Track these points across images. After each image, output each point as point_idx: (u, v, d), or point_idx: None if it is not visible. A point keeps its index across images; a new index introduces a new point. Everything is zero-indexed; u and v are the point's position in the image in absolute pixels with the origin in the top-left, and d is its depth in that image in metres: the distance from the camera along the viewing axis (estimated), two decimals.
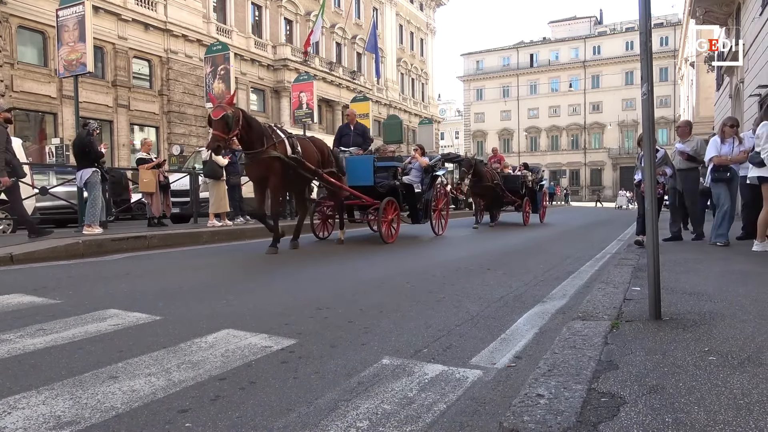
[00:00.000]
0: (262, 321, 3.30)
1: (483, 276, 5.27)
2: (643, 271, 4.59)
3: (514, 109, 65.73)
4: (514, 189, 14.67)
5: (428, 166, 9.89)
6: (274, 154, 6.97)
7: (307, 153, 7.60)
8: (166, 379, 2.27)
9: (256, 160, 7.00)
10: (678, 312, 3.17)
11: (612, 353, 2.35)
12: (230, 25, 28.32)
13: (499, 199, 14.17)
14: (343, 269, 6.00)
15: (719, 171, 7.30)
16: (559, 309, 3.78)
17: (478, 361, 2.58)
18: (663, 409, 1.75)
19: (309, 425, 1.85)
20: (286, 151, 7.17)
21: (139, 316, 3.41)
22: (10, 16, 18.89)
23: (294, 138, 7.56)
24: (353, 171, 8.97)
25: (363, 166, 9.02)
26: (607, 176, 61.06)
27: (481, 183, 13.23)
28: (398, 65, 45.34)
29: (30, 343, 2.79)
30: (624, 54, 59.57)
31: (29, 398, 2.06)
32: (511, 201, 14.66)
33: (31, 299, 3.94)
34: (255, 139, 6.90)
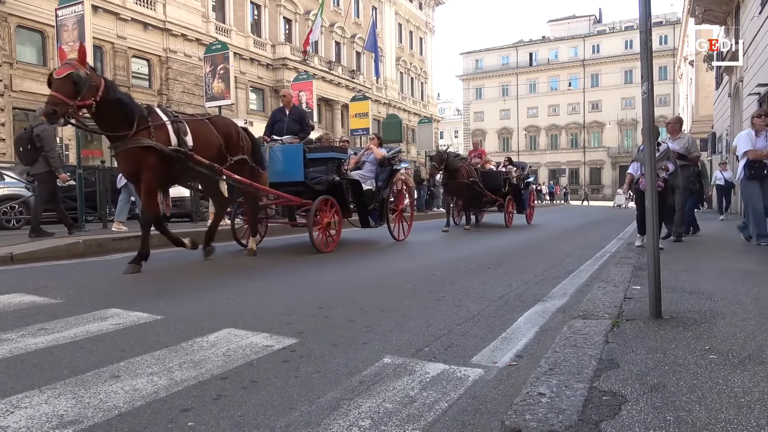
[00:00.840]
0: (263, 320, 3.31)
1: (483, 275, 5.27)
2: (643, 269, 4.60)
3: (514, 108, 65.72)
4: (495, 187, 13.19)
5: (384, 159, 8.60)
6: (146, 143, 5.30)
7: (201, 141, 5.89)
8: (168, 379, 2.28)
9: (123, 150, 5.32)
10: (678, 310, 3.17)
11: (613, 352, 2.36)
12: (229, 24, 28.30)
13: (477, 198, 12.63)
14: (343, 269, 6.00)
15: (755, 167, 6.80)
16: (560, 308, 3.79)
17: (480, 360, 2.58)
18: (664, 407, 1.76)
19: (311, 424, 1.85)
20: (168, 139, 5.50)
21: (141, 315, 3.41)
22: (9, 16, 18.87)
23: (183, 122, 5.80)
24: (278, 164, 7.42)
25: (290, 158, 7.40)
26: (606, 175, 61.09)
27: (455, 180, 11.71)
28: (397, 64, 45.32)
29: (32, 343, 2.79)
30: (623, 53, 59.57)
31: (32, 398, 2.06)
32: (492, 200, 13.19)
33: (32, 299, 3.94)
34: (120, 119, 5.24)
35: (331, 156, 7.72)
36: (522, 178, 14.34)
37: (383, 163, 8.60)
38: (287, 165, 7.38)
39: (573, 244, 8.80)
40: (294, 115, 8.02)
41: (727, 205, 15.02)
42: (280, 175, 7.35)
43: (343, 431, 1.80)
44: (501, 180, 13.36)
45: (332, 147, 8.23)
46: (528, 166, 15.84)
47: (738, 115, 18.32)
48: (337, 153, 7.94)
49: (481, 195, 12.59)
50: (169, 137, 5.53)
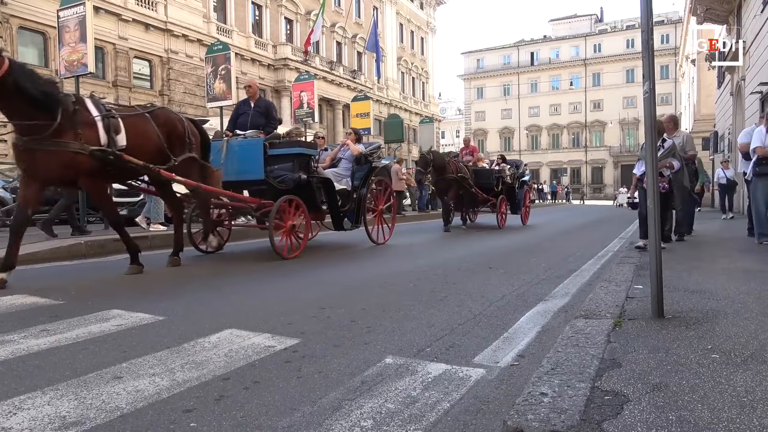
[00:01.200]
0: (264, 321, 3.31)
1: (485, 275, 5.27)
2: (645, 269, 4.59)
3: (515, 108, 65.68)
4: (487, 186, 12.49)
5: (361, 156, 8.02)
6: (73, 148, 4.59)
7: (136, 138, 5.18)
8: (171, 379, 2.28)
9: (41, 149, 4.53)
10: (681, 310, 3.17)
11: (615, 351, 2.35)
12: (230, 24, 28.33)
13: (470, 197, 12.11)
14: (344, 269, 6.00)
15: (762, 164, 6.81)
16: (562, 307, 3.78)
17: (481, 360, 2.58)
18: (667, 407, 1.75)
19: (313, 424, 1.85)
20: (98, 138, 4.80)
21: (143, 316, 3.42)
22: (11, 17, 18.92)
23: (117, 117, 5.07)
24: (237, 160, 6.68)
25: (249, 154, 6.63)
26: (608, 174, 61.01)
27: (443, 176, 11.21)
28: (399, 64, 45.33)
29: (34, 344, 2.80)
30: (625, 52, 59.50)
31: (34, 399, 2.06)
32: (484, 200, 12.52)
33: (35, 300, 3.95)
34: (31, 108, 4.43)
35: (297, 152, 6.91)
36: (517, 176, 13.69)
37: (360, 160, 8.03)
38: (246, 162, 6.62)
39: (575, 244, 8.79)
40: (259, 107, 7.26)
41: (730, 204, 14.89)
42: (239, 173, 6.65)
43: (345, 431, 1.80)
44: (493, 178, 12.66)
45: (299, 142, 7.30)
46: (523, 164, 15.04)
47: (740, 113, 18.29)
48: (305, 149, 7.12)
49: (472, 193, 11.99)
50: (99, 136, 4.82)
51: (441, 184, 11.54)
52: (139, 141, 5.22)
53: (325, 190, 7.40)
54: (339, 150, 8.22)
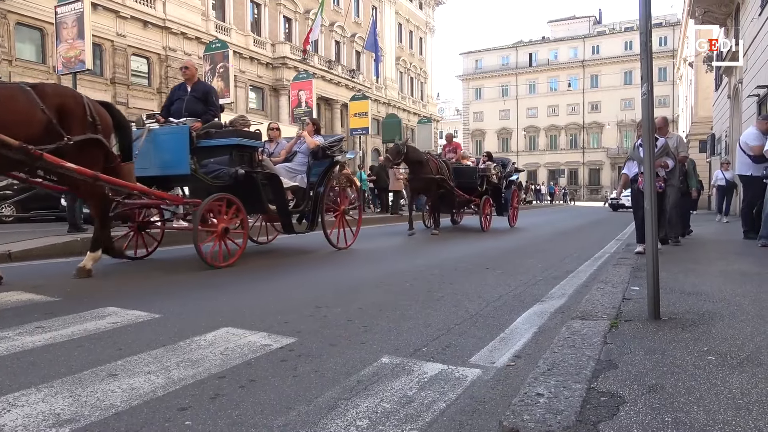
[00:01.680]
0: (261, 319, 3.30)
1: (482, 275, 5.27)
2: (641, 270, 4.60)
3: (513, 109, 65.74)
4: (470, 185, 11.45)
5: (318, 149, 7.10)
6: None
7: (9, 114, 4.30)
8: (166, 377, 2.27)
9: None
10: (677, 312, 3.17)
11: (611, 353, 2.35)
12: (229, 23, 28.27)
13: (449, 197, 11.04)
14: (341, 268, 6.00)
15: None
16: (558, 308, 3.78)
17: (478, 360, 2.58)
18: (662, 408, 1.75)
19: (309, 423, 1.85)
20: None
21: (138, 314, 3.41)
22: (8, 13, 18.84)
23: None
24: (157, 151, 5.81)
25: (172, 144, 5.77)
26: (605, 176, 61.13)
27: (420, 175, 10.22)
28: (397, 64, 45.32)
29: (29, 341, 2.79)
30: (623, 54, 59.61)
31: (28, 396, 2.05)
32: (466, 200, 11.61)
33: (30, 296, 3.93)
34: None
35: (235, 143, 5.98)
36: (504, 175, 12.70)
37: (317, 153, 7.11)
38: (169, 153, 5.74)
39: (572, 245, 8.80)
40: (197, 92, 6.31)
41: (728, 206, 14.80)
42: (162, 166, 5.82)
43: (341, 431, 1.79)
44: (476, 177, 11.62)
45: (238, 131, 6.27)
46: (511, 162, 13.84)
47: (737, 116, 18.34)
48: (247, 139, 6.17)
49: (454, 194, 11.00)
50: None
51: (417, 184, 10.54)
52: (13, 117, 4.29)
53: (272, 188, 6.39)
54: (295, 143, 7.41)
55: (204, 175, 5.74)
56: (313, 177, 7.13)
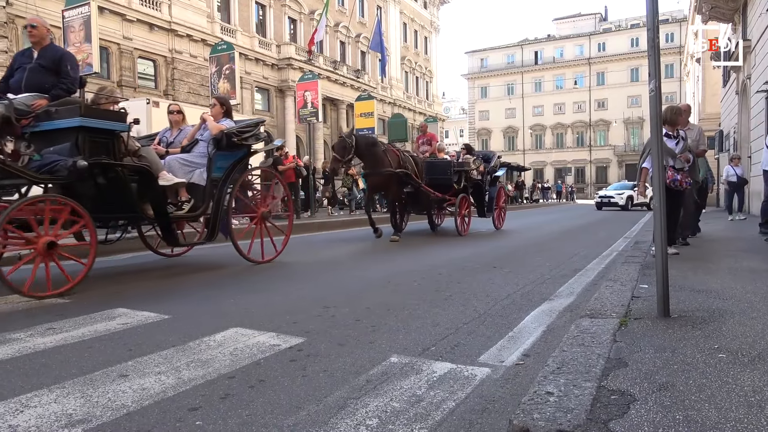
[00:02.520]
0: (269, 320, 3.31)
1: (489, 274, 5.26)
2: (650, 268, 4.58)
3: (519, 107, 65.55)
4: (444, 182, 9.98)
5: (223, 136, 5.54)
6: None
7: None
8: (176, 378, 2.29)
9: None
10: (687, 309, 3.16)
11: (621, 351, 2.34)
12: (234, 24, 28.36)
13: (419, 196, 9.77)
14: (348, 268, 6.00)
15: None
16: (567, 307, 3.77)
17: (487, 359, 2.58)
18: (673, 406, 1.75)
19: (319, 423, 1.85)
20: None
21: (148, 315, 3.43)
22: (16, 18, 18.98)
23: None
24: None
25: None
26: (612, 173, 60.83)
27: (377, 169, 8.85)
28: (402, 63, 45.31)
29: (40, 342, 2.81)
30: (629, 51, 59.30)
31: (41, 397, 2.07)
32: (438, 199, 10.08)
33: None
34: None
35: (77, 125, 4.41)
36: (488, 171, 11.21)
37: (221, 142, 5.54)
38: None
39: (579, 243, 8.77)
40: (44, 59, 4.84)
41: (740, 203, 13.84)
42: None
43: (351, 430, 1.80)
44: (451, 173, 10.02)
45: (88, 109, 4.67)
46: (496, 156, 12.27)
47: (746, 112, 18.20)
48: (97, 120, 4.57)
49: (424, 192, 9.61)
50: None
51: (374, 180, 9.02)
52: None
53: (145, 186, 5.00)
54: (198, 129, 5.89)
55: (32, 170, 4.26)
56: (217, 172, 5.58)
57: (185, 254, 6.59)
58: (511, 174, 37.79)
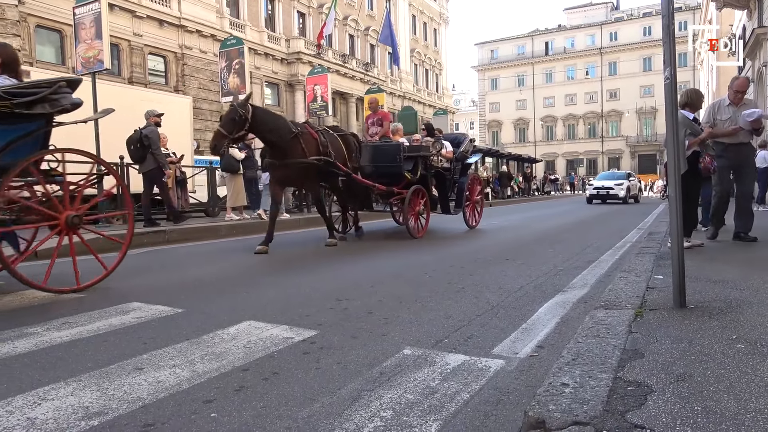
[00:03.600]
0: (282, 313, 3.32)
1: (502, 266, 5.24)
2: (665, 259, 4.53)
3: (530, 98, 65.06)
4: (390, 171, 8.08)
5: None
6: None
7: None
8: (191, 370, 2.30)
9: None
10: (703, 300, 3.11)
11: (637, 342, 2.32)
12: (243, 19, 28.38)
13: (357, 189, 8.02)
14: (360, 261, 6.00)
15: None
16: (581, 298, 3.74)
17: (500, 351, 2.56)
18: (692, 397, 1.72)
19: (333, 415, 1.85)
20: None
21: (162, 308, 3.45)
22: (28, 16, 19.13)
23: None
24: None
25: None
26: (625, 164, 60.21)
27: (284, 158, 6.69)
28: (412, 56, 45.10)
29: (56, 336, 2.84)
30: (642, 40, 58.56)
31: (58, 390, 2.09)
32: (385, 193, 8.12)
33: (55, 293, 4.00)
34: None
35: None
36: (457, 157, 9.28)
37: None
38: None
39: (592, 235, 8.69)
40: None
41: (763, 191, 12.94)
42: None
43: (365, 422, 1.79)
44: (400, 159, 8.04)
45: None
46: (467, 139, 10.15)
47: (762, 99, 17.91)
48: None
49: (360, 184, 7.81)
50: None
51: (278, 173, 6.86)
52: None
53: None
54: None
55: None
56: None
57: (197, 248, 6.63)
58: (522, 166, 37.58)
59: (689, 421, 1.56)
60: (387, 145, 8.46)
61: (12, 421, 1.81)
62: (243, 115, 6.27)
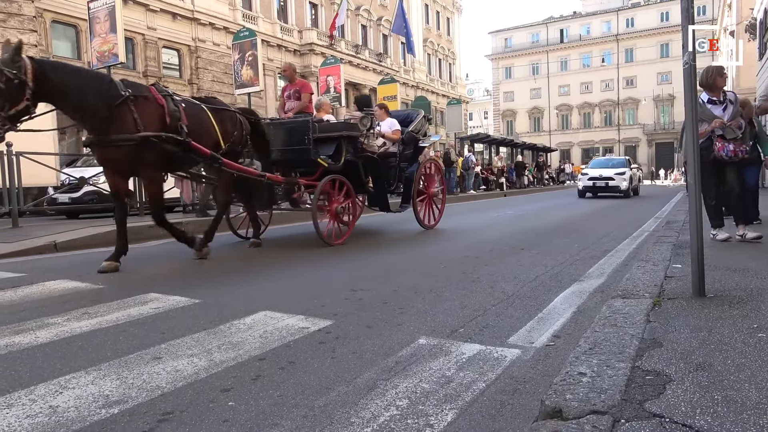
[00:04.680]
0: (297, 303, 3.34)
1: (517, 256, 5.21)
2: (683, 248, 4.47)
3: (544, 87, 64.28)
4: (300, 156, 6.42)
5: None
6: None
7: None
8: (208, 360, 2.32)
9: None
10: (723, 289, 3.07)
11: (655, 331, 2.29)
12: (256, 11, 28.37)
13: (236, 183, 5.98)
14: (374, 252, 6.01)
15: None
16: (597, 288, 3.71)
17: (516, 341, 2.55)
18: (712, 386, 1.70)
19: (349, 403, 1.86)
20: None
21: (179, 299, 3.49)
22: (44, 11, 19.31)
23: None
24: None
25: None
26: (642, 153, 59.41)
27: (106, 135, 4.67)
28: (425, 46, 44.76)
29: (76, 326, 2.88)
30: (659, 26, 57.42)
31: (78, 378, 2.13)
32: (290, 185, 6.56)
33: (76, 285, 4.06)
34: None
35: None
36: (403, 139, 7.44)
37: None
38: None
39: (608, 224, 8.60)
40: None
41: None
42: None
43: (381, 411, 1.80)
44: (309, 140, 6.24)
45: None
46: (420, 115, 8.15)
47: None
48: None
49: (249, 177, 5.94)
50: None
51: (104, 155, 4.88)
52: None
53: None
54: None
55: None
56: None
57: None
58: (536, 155, 37.22)
59: (709, 410, 1.54)
60: (292, 122, 6.61)
61: (35, 409, 1.85)
62: (15, 77, 4.11)
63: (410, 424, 1.70)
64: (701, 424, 1.46)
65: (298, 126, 6.46)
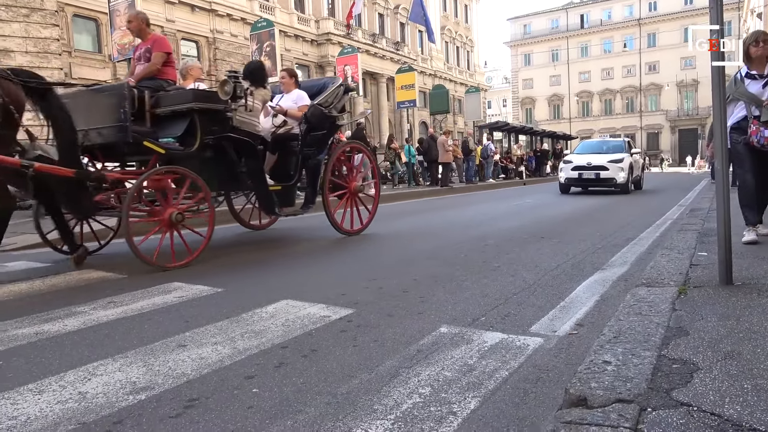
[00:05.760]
0: (319, 292, 3.36)
1: (538, 245, 5.16)
2: (708, 236, 4.38)
3: (564, 74, 63.32)
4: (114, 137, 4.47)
5: None
6: None
7: None
8: (232, 348, 2.35)
9: None
10: (751, 277, 3.00)
11: (681, 319, 2.26)
12: (273, 2, 28.36)
13: None
14: (393, 242, 6.00)
15: None
16: (621, 276, 3.66)
17: (539, 329, 2.54)
18: (740, 375, 1.67)
19: (371, 391, 1.87)
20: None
21: (202, 288, 3.53)
22: (65, 6, 19.56)
23: None
24: None
25: None
26: (665, 140, 58.34)
27: None
28: (442, 33, 44.35)
29: (103, 315, 2.94)
30: (682, 9, 56.02)
31: (106, 366, 2.17)
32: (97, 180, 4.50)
33: (101, 274, 4.14)
34: None
35: None
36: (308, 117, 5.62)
37: None
38: None
39: (630, 212, 8.48)
40: None
41: None
42: None
43: (404, 398, 1.80)
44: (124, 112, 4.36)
45: None
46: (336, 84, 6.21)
47: None
48: None
49: None
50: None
51: None
52: None
53: None
54: None
55: None
56: None
57: (231, 230, 6.74)
58: (554, 143, 36.74)
59: (738, 399, 1.51)
60: (101, 89, 4.98)
61: (65, 395, 1.89)
62: None
63: (433, 412, 1.71)
64: (730, 413, 1.44)
65: (108, 95, 4.64)
